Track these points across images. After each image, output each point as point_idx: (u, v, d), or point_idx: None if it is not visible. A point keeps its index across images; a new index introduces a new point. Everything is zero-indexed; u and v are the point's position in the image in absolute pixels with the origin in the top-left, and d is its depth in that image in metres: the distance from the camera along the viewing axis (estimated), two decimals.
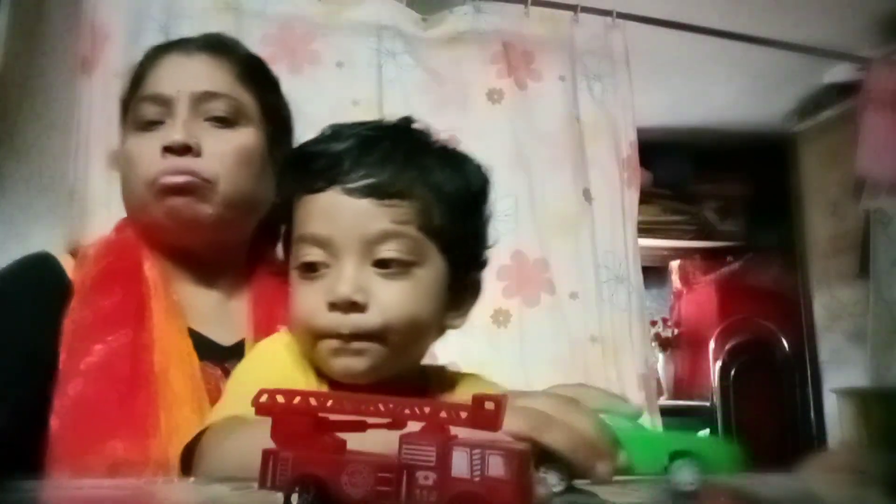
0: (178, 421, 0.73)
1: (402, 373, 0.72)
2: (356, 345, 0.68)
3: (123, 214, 1.53)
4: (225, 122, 0.87)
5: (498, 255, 1.41)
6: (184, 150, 0.83)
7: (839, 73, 2.63)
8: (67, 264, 0.85)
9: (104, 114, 1.55)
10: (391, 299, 0.68)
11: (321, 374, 0.72)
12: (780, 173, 3.08)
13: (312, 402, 0.40)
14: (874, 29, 2.42)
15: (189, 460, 0.63)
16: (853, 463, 0.63)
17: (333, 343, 0.68)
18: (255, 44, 1.29)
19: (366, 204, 0.68)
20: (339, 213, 0.69)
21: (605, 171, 1.87)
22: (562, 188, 1.80)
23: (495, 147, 1.75)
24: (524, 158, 1.77)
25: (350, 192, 0.68)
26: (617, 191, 1.87)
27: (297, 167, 0.73)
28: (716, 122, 3.08)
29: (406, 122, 0.78)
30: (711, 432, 3.00)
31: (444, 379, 0.80)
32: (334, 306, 0.67)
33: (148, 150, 0.85)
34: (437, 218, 0.70)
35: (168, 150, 0.84)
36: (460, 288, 0.75)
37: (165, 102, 0.86)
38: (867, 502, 0.38)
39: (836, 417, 2.60)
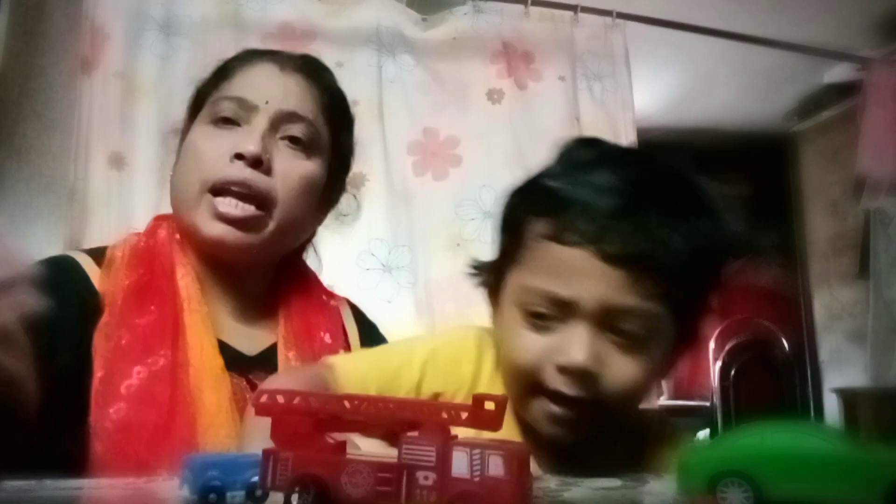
0: (216, 446, 0.72)
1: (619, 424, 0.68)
2: (570, 413, 0.63)
3: (123, 215, 1.55)
4: (300, 145, 0.85)
5: None
6: (255, 162, 0.81)
7: (839, 73, 2.63)
8: (91, 269, 0.81)
9: (104, 114, 1.55)
10: (623, 373, 0.63)
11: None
12: (780, 173, 3.09)
13: (312, 402, 0.40)
14: (874, 29, 2.42)
15: None
16: None
17: (551, 407, 0.64)
18: (255, 44, 1.29)
19: (618, 275, 0.61)
20: (590, 278, 0.62)
21: None
22: None
23: (495, 147, 1.75)
24: (524, 158, 1.77)
25: (606, 259, 0.61)
26: None
27: (548, 205, 0.65)
28: (716, 122, 3.08)
29: (678, 170, 0.72)
30: (711, 432, 3.00)
31: (662, 425, 0.77)
32: (565, 371, 0.62)
33: (217, 149, 0.82)
34: (681, 293, 0.63)
35: (239, 157, 0.81)
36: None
37: (249, 108, 0.84)
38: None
39: (836, 417, 2.60)
